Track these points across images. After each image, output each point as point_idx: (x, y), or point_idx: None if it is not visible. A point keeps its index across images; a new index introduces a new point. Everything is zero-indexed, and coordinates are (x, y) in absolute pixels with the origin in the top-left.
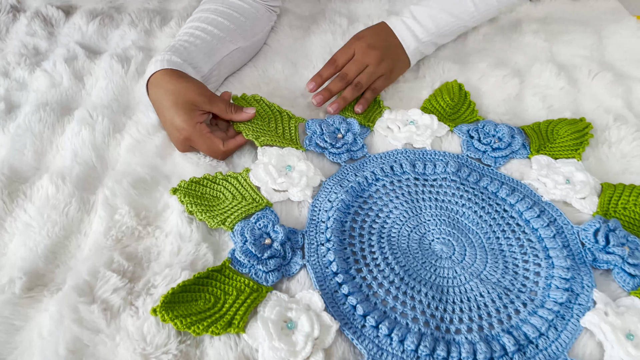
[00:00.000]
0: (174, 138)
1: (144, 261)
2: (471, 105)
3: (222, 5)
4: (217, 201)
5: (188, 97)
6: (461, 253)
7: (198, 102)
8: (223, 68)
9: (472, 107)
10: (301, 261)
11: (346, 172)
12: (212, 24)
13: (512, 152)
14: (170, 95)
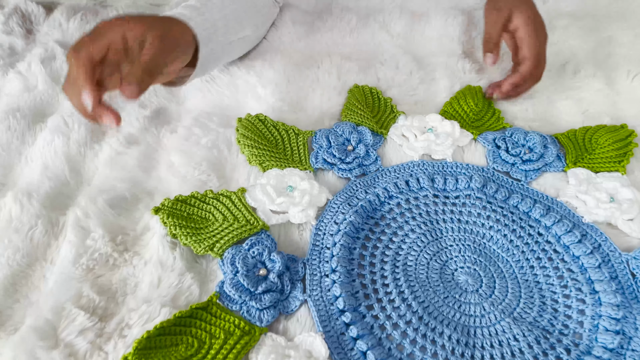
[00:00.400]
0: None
1: (118, 295)
2: (496, 112)
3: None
4: (205, 223)
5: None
6: (490, 286)
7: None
8: (230, 51)
9: (497, 115)
10: (302, 296)
11: (355, 189)
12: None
13: (545, 165)
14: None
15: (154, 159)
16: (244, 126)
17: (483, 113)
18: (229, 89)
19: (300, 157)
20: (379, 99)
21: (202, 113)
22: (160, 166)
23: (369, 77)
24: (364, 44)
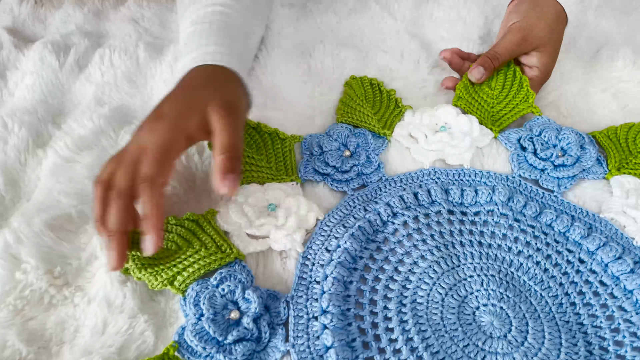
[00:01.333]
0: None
1: (52, 343)
2: (523, 82)
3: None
4: (165, 253)
5: (227, 96)
6: (521, 330)
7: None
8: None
9: (525, 91)
10: (283, 346)
11: (352, 205)
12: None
13: (582, 171)
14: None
15: None
16: None
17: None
18: None
19: (285, 167)
20: (380, 91)
21: None
22: None
23: (369, 67)
24: (363, 29)
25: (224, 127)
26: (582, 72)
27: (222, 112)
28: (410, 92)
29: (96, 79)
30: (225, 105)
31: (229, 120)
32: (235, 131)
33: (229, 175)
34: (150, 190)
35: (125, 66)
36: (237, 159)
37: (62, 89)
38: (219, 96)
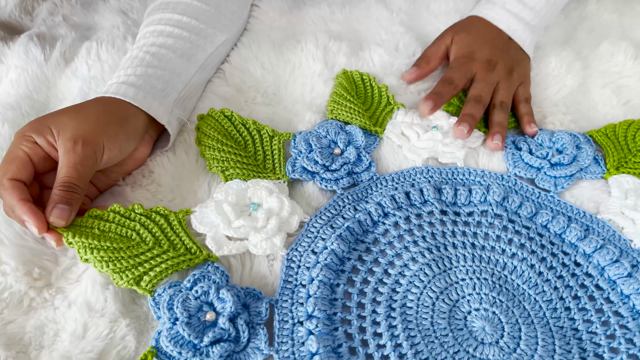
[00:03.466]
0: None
1: (31, 348)
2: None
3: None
4: (127, 243)
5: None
6: (513, 335)
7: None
8: (206, 72)
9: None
10: (266, 349)
11: (342, 205)
12: (186, 13)
13: (579, 170)
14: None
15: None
16: (206, 123)
17: None
18: None
19: (273, 164)
20: (372, 87)
21: None
22: None
23: (362, 61)
24: (357, 21)
25: (65, 161)
26: (581, 67)
27: (68, 145)
28: (405, 89)
29: (82, 73)
30: (73, 139)
31: (71, 155)
32: (75, 167)
33: (59, 205)
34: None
35: (113, 60)
36: (71, 192)
37: (48, 83)
38: (75, 128)
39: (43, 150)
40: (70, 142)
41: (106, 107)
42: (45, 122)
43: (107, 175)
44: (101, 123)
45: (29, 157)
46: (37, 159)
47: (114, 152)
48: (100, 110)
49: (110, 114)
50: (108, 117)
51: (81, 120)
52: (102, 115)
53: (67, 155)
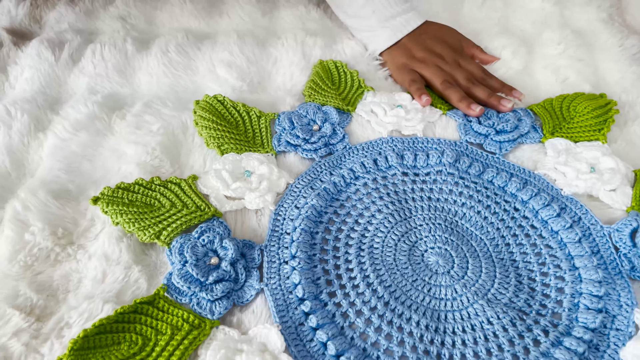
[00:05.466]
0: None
1: (59, 292)
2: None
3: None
4: (150, 209)
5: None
6: (462, 266)
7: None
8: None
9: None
10: (258, 285)
11: (319, 171)
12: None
13: (520, 136)
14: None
15: (102, 147)
16: (202, 108)
17: None
18: (186, 72)
19: (262, 140)
20: (345, 73)
21: (155, 98)
22: (109, 154)
23: (335, 53)
24: (330, 19)
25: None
26: (527, 52)
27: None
28: (374, 74)
29: (89, 71)
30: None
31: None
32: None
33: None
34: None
35: (115, 59)
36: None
37: (59, 80)
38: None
39: None
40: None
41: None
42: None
43: None
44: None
45: None
46: None
47: None
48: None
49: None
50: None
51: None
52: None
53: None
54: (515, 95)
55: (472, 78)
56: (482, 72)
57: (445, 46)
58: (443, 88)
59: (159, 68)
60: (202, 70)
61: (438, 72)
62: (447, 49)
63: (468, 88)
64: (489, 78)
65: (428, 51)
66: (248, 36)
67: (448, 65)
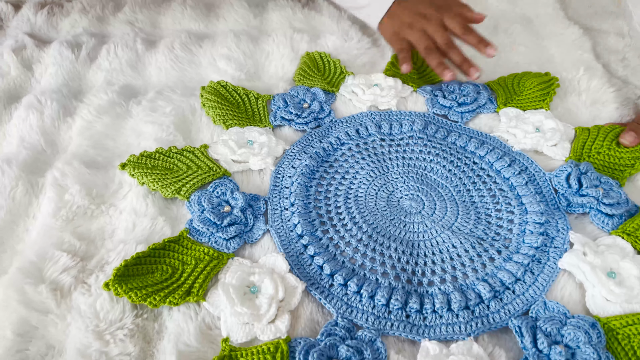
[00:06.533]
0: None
1: (97, 240)
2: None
3: None
4: (170, 171)
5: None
6: (431, 207)
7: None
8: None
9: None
10: (264, 227)
11: (311, 139)
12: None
13: (478, 107)
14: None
15: (123, 128)
16: (208, 91)
17: (422, 69)
18: (191, 65)
19: (260, 117)
20: (328, 62)
21: (166, 87)
22: (130, 133)
23: (319, 46)
24: (314, 19)
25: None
26: None
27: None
28: (353, 63)
29: (105, 66)
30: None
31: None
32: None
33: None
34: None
35: (127, 56)
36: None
37: (79, 75)
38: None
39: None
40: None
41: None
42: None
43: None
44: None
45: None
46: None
47: None
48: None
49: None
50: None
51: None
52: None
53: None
54: (489, 52)
55: (450, 41)
56: (463, 29)
57: (432, 6)
58: (425, 54)
59: (167, 63)
60: (204, 63)
61: (421, 38)
62: (430, 9)
63: (446, 51)
64: (468, 34)
65: (414, 13)
66: (243, 35)
67: (431, 27)
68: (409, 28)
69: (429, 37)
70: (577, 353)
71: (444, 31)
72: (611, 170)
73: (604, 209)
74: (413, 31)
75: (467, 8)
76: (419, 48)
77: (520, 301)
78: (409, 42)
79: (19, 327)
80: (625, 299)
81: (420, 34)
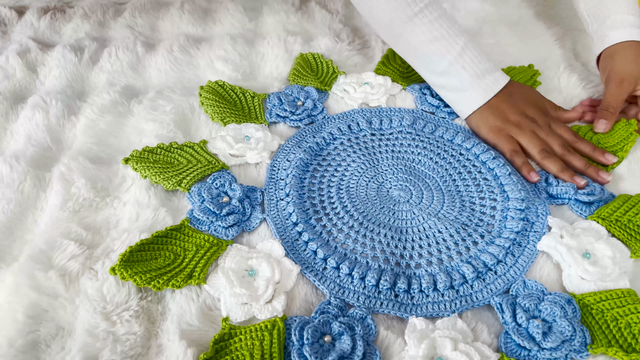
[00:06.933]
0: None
1: (102, 230)
2: None
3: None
4: (171, 165)
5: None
6: (418, 196)
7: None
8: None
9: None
10: (261, 216)
11: (304, 134)
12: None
13: None
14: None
15: (125, 126)
16: (206, 91)
17: (411, 69)
18: (189, 67)
19: (256, 114)
20: (321, 62)
21: (166, 87)
22: (131, 131)
23: (312, 47)
24: (307, 22)
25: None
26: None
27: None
28: (345, 63)
29: (107, 68)
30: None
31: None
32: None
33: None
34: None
35: (128, 58)
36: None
37: (82, 77)
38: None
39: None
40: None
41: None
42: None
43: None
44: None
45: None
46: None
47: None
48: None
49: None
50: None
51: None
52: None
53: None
54: (607, 159)
55: (566, 144)
56: (574, 136)
57: (537, 109)
58: (541, 157)
59: (166, 64)
60: (202, 65)
61: (535, 140)
62: (538, 112)
63: (563, 155)
64: (580, 141)
65: (522, 115)
66: (239, 37)
67: (543, 131)
68: (517, 127)
69: (541, 140)
70: (554, 326)
71: (556, 135)
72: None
73: (581, 197)
74: (523, 132)
75: (562, 109)
76: (532, 151)
77: (501, 281)
78: (518, 143)
79: (30, 310)
80: (599, 277)
81: (531, 135)
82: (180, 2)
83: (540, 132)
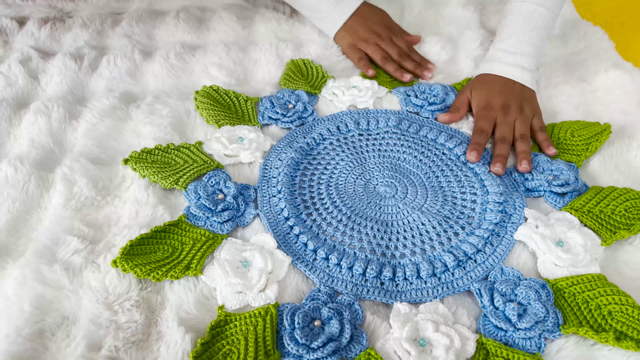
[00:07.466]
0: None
1: (104, 226)
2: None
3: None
4: (168, 165)
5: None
6: (403, 192)
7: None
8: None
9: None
10: (254, 211)
11: (295, 135)
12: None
13: (447, 107)
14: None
15: (124, 129)
16: (202, 95)
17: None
18: (185, 73)
19: (249, 117)
20: (311, 67)
21: (162, 93)
22: (130, 134)
23: (302, 53)
24: (297, 30)
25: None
26: (453, 47)
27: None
28: (334, 68)
29: (106, 75)
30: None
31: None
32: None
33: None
34: None
35: (126, 66)
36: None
37: (82, 83)
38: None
39: None
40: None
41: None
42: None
43: None
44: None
45: None
46: None
47: None
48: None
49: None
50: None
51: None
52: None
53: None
54: (430, 67)
55: (402, 53)
56: (408, 49)
57: (383, 27)
58: (382, 63)
59: (163, 71)
60: (197, 71)
61: (377, 50)
62: (384, 29)
63: (400, 61)
64: (413, 53)
65: (370, 31)
66: (233, 45)
67: (384, 42)
68: (364, 42)
69: (383, 50)
70: (529, 309)
71: (395, 45)
72: (569, 156)
73: (555, 189)
74: (369, 44)
75: (407, 33)
76: (375, 58)
77: (480, 268)
78: (365, 53)
79: (36, 301)
80: (571, 264)
81: (375, 47)
82: (176, 12)
83: (382, 43)
